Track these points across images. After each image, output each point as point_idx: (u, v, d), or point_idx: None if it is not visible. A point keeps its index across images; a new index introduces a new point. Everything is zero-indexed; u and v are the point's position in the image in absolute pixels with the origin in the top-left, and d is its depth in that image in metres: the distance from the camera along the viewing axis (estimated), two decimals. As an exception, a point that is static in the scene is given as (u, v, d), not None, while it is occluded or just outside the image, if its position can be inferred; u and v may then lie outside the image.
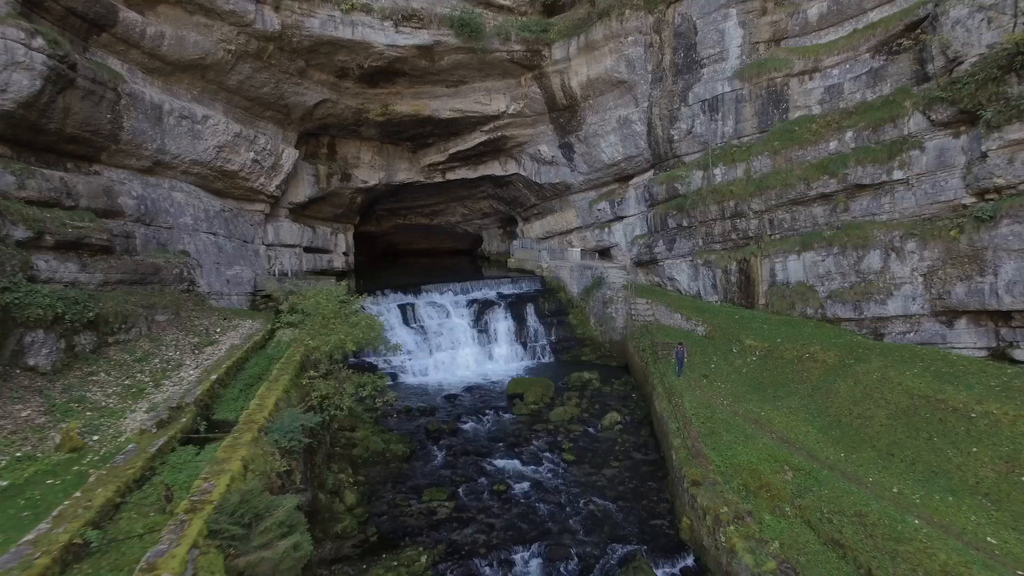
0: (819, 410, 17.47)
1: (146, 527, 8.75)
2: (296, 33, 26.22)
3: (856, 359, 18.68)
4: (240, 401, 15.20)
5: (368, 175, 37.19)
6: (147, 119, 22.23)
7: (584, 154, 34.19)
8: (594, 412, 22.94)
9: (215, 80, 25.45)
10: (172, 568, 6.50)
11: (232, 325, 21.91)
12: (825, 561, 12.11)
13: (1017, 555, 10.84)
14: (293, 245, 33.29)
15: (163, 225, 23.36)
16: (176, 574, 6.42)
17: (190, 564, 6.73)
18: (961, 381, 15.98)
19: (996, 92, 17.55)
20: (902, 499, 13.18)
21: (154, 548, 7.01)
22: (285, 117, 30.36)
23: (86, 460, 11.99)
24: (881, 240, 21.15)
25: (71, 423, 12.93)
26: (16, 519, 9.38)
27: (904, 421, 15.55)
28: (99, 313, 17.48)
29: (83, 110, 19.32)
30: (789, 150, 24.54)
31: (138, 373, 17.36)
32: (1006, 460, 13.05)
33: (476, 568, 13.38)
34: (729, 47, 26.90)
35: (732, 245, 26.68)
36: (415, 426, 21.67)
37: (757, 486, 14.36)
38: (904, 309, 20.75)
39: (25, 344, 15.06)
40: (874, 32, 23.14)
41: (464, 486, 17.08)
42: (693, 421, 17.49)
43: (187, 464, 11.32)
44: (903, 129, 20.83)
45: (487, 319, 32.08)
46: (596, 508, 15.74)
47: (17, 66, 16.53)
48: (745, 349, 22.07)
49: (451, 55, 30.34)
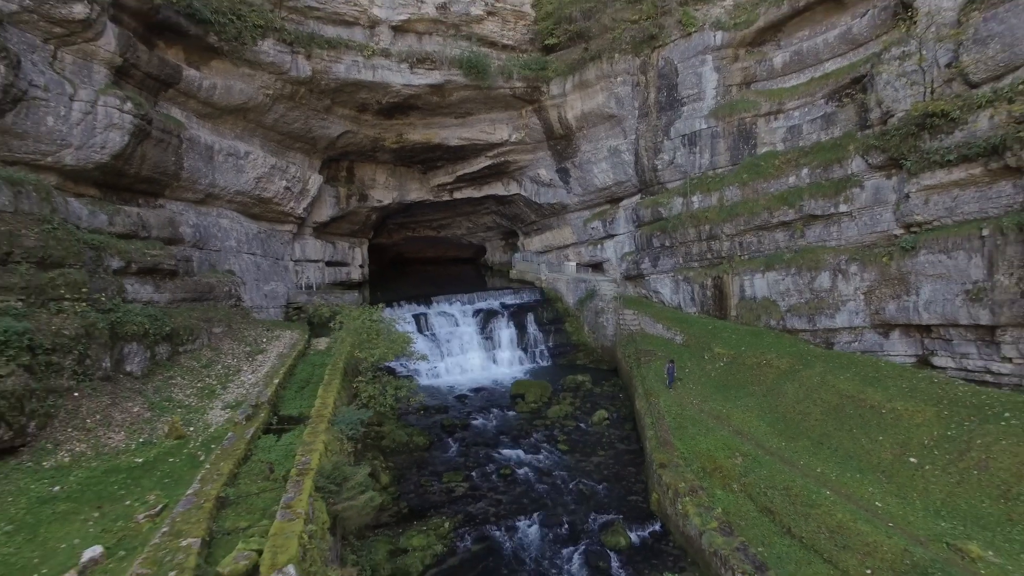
0: (769, 408, 21.12)
1: (259, 488, 12.42)
2: (324, 77, 29.87)
3: (804, 365, 22.32)
4: (297, 401, 18.88)
5: (382, 195, 40.84)
6: (201, 158, 25.90)
7: (579, 178, 37.89)
8: (586, 410, 26.59)
9: (254, 120, 29.11)
10: (301, 505, 10.13)
11: (275, 335, 25.58)
12: (759, 524, 15.70)
13: (893, 514, 14.47)
14: (317, 260, 36.94)
15: (213, 248, 27.02)
16: (304, 509, 10.04)
17: (310, 504, 10.35)
18: (880, 384, 19.59)
19: (914, 145, 21.20)
20: (822, 477, 16.79)
21: (286, 495, 10.64)
22: (311, 147, 34.02)
23: (190, 445, 15.64)
24: (830, 263, 24.79)
25: (174, 417, 16.61)
26: (164, 484, 13.04)
27: (833, 416, 19.18)
28: (173, 327, 21.12)
29: (155, 155, 23.00)
30: (756, 182, 28.18)
31: (206, 377, 21.03)
32: (900, 445, 16.69)
33: (488, 532, 16.99)
34: (706, 89, 30.55)
35: (708, 263, 30.33)
36: (432, 422, 25.30)
37: (712, 468, 17.98)
38: (849, 322, 24.38)
39: (124, 354, 18.72)
40: (827, 81, 26.80)
41: (476, 470, 20.71)
42: (665, 417, 21.14)
43: (272, 448, 14.96)
44: (848, 169, 24.49)
45: (492, 327, 35.73)
46: (584, 487, 19.37)
47: (113, 127, 20.22)
48: (715, 356, 25.71)
49: (459, 91, 34.02)
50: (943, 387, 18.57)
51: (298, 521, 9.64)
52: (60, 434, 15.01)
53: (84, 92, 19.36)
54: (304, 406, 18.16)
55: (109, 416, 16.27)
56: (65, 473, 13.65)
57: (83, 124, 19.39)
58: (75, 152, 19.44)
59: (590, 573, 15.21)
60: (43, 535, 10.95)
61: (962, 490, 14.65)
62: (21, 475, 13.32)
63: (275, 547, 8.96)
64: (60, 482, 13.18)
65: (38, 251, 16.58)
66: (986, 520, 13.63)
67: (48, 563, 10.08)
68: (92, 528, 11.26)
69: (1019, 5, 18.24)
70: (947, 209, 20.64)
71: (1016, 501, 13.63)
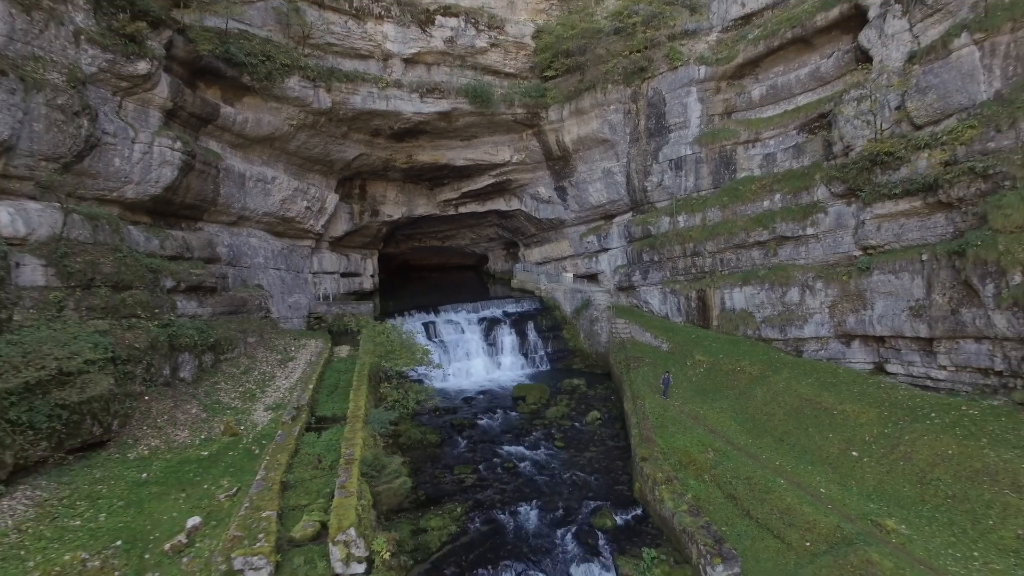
0: (740, 409, 24.03)
1: (311, 475, 15.34)
2: (343, 107, 32.78)
3: (773, 371, 25.25)
4: (330, 403, 21.80)
5: (393, 210, 43.75)
6: (235, 184, 28.82)
7: (575, 196, 40.84)
8: (580, 411, 29.47)
9: (280, 147, 32.03)
10: (352, 485, 13.04)
11: (302, 344, 28.49)
12: (724, 508, 18.60)
13: (833, 498, 17.35)
14: (333, 272, 39.85)
15: (244, 265, 29.94)
16: (355, 488, 12.95)
17: (358, 485, 13.27)
18: (835, 388, 22.51)
19: (868, 178, 24.13)
20: (780, 468, 19.68)
21: (339, 478, 13.55)
22: (329, 169, 36.94)
23: (243, 441, 18.54)
24: (799, 279, 27.71)
25: (228, 418, 19.53)
26: (231, 472, 15.95)
27: (794, 417, 22.10)
28: (215, 338, 24.03)
29: (197, 185, 25.93)
30: (735, 205, 31.10)
31: (246, 383, 23.94)
32: (846, 441, 19.59)
33: (494, 516, 19.85)
34: (691, 117, 33.49)
35: (692, 277, 33.26)
36: (442, 421, 28.17)
37: (687, 461, 20.88)
38: (816, 332, 27.28)
39: (179, 362, 21.63)
40: (799, 114, 29.75)
41: (483, 464, 23.59)
42: (649, 417, 24.04)
43: (315, 443, 17.88)
44: (814, 196, 27.41)
45: (495, 334, 38.63)
46: (577, 479, 22.27)
47: (166, 163, 23.15)
48: (696, 363, 28.62)
49: (465, 117, 36.95)
50: (887, 391, 21.49)
51: (352, 497, 12.56)
52: (137, 431, 17.93)
53: (143, 135, 22.31)
54: (336, 408, 21.10)
55: (174, 416, 19.20)
56: (148, 463, 16.56)
57: (142, 162, 22.32)
58: (135, 187, 22.38)
59: (581, 549, 18.08)
60: (148, 509, 13.87)
61: (889, 478, 17.56)
62: (112, 464, 16.22)
63: (339, 516, 11.87)
64: (146, 470, 16.10)
65: (113, 276, 19.51)
66: (904, 501, 16.55)
67: (159, 529, 13.00)
68: (183, 505, 14.18)
69: (949, 64, 21.16)
70: (895, 235, 23.58)
71: (929, 485, 16.54)
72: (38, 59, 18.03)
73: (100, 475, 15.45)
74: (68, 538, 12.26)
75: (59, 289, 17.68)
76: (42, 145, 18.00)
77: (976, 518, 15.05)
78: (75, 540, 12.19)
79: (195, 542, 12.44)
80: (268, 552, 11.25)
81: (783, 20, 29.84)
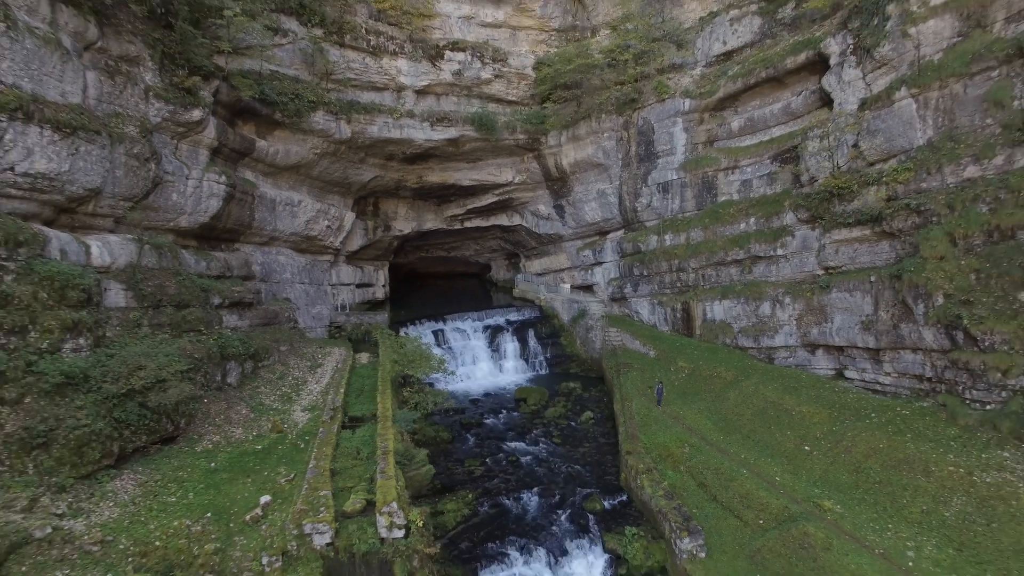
0: (715, 410, 27.39)
1: (352, 464, 18.74)
2: (361, 136, 36.21)
3: (745, 377, 28.61)
4: (358, 405, 25.19)
5: (403, 225, 47.17)
6: (267, 209, 32.24)
7: (572, 214, 44.27)
8: (576, 411, 32.87)
9: (304, 173, 35.46)
10: (390, 471, 16.42)
11: (327, 352, 31.88)
12: (696, 493, 21.92)
13: (785, 485, 20.68)
14: (349, 283, 43.26)
15: (274, 281, 33.35)
16: (392, 473, 16.34)
17: (395, 470, 16.64)
18: (796, 392, 25.87)
19: (828, 208, 27.53)
20: (744, 461, 23.00)
21: (379, 465, 16.92)
22: (347, 190, 40.37)
23: (289, 437, 21.91)
24: (770, 295, 31.07)
25: (275, 417, 22.90)
26: (284, 462, 19.31)
27: (760, 417, 25.45)
28: (255, 348, 27.43)
29: (236, 212, 29.34)
30: (715, 226, 34.51)
31: (282, 387, 27.33)
32: (800, 438, 22.95)
33: (500, 501, 23.20)
34: (677, 145, 36.90)
35: (677, 290, 36.65)
36: (453, 420, 31.55)
37: (666, 455, 24.23)
38: (785, 342, 30.63)
39: (227, 369, 25.03)
40: (773, 145, 33.12)
41: (489, 458, 26.97)
42: (635, 417, 27.42)
43: (351, 439, 21.25)
44: (783, 220, 30.80)
45: (498, 341, 42.03)
46: (571, 470, 25.65)
47: (213, 195, 26.58)
48: (678, 368, 32.01)
49: (471, 143, 40.39)
50: (839, 395, 24.88)
51: (391, 479, 15.95)
52: (200, 429, 21.32)
53: (195, 171, 25.73)
54: (364, 409, 24.51)
55: (228, 416, 22.60)
56: (213, 455, 19.95)
57: (194, 195, 25.75)
58: (188, 216, 25.80)
59: (574, 528, 21.46)
60: (224, 490, 17.26)
61: (832, 468, 20.93)
62: (184, 455, 19.60)
63: (383, 493, 15.27)
64: (213, 460, 19.48)
65: (176, 296, 22.92)
66: (842, 486, 19.92)
67: (236, 505, 16.39)
68: (251, 487, 17.56)
69: (893, 112, 24.55)
70: (850, 258, 26.98)
71: (862, 473, 19.91)
72: (119, 115, 21.46)
73: (177, 464, 18.83)
74: (170, 510, 15.65)
75: (136, 309, 21.08)
76: (121, 187, 21.41)
77: (894, 498, 18.42)
78: (176, 511, 15.59)
79: (268, 515, 15.83)
80: (330, 520, 14.64)
81: (759, 60, 33.24)
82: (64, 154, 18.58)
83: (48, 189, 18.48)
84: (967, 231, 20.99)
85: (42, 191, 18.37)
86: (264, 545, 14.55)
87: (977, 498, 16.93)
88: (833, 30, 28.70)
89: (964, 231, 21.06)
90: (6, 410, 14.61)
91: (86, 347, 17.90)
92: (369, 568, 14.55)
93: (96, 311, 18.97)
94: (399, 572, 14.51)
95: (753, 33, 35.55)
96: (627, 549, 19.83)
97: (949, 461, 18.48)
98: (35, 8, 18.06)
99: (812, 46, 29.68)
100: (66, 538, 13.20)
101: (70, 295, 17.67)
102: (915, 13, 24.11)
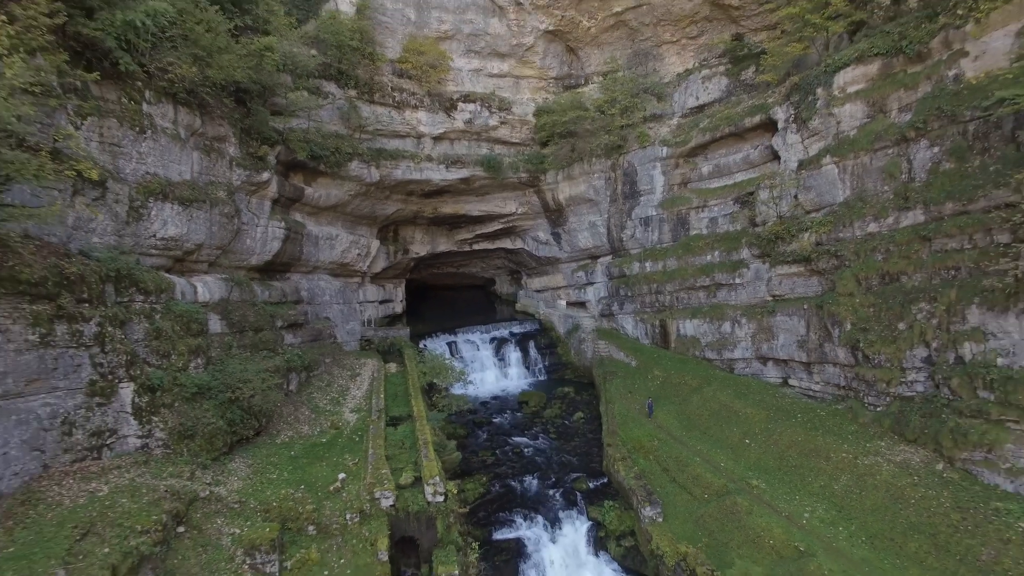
0: (681, 412, 33.66)
1: (399, 452, 25.08)
2: (387, 178, 42.55)
3: (706, 384, 34.88)
4: (395, 407, 31.48)
5: (419, 248, 53.54)
6: (312, 244, 38.59)
7: (568, 240, 50.64)
8: (569, 412, 39.16)
9: (340, 211, 41.82)
10: (431, 455, 22.70)
11: (363, 363, 38.19)
12: (660, 476, 28.18)
13: (727, 469, 26.96)
14: (374, 301, 49.58)
15: (317, 303, 39.68)
16: (432, 457, 22.63)
17: (434, 454, 22.93)
18: (745, 397, 32.12)
19: (773, 247, 33.85)
20: (700, 452, 29.24)
21: (419, 452, 23.21)
22: (373, 221, 46.72)
23: (345, 433, 28.19)
24: (731, 315, 37.35)
25: (333, 417, 29.21)
26: (346, 451, 25.60)
27: (715, 417, 31.70)
28: (307, 361, 33.73)
29: (289, 248, 35.69)
30: (687, 256, 40.82)
31: (331, 392, 33.62)
32: (743, 433, 29.22)
33: (508, 483, 29.44)
34: (656, 186, 43.23)
35: (656, 309, 42.96)
36: (467, 419, 37.80)
37: (639, 447, 30.48)
38: (743, 355, 36.89)
39: (290, 379, 31.34)
40: (735, 189, 39.43)
41: (498, 450, 33.24)
42: (616, 416, 33.70)
43: (394, 434, 27.53)
44: (741, 255, 37.11)
45: (504, 350, 48.34)
46: (564, 459, 31.94)
47: (275, 238, 32.96)
48: (654, 376, 38.32)
49: (480, 181, 46.77)
50: (778, 399, 31.18)
51: (433, 461, 22.28)
52: (277, 427, 27.61)
53: (262, 220, 32.09)
54: (401, 411, 30.82)
55: (296, 416, 28.91)
56: (290, 446, 26.24)
57: (261, 239, 32.10)
58: (257, 256, 32.16)
59: (565, 502, 27.74)
60: (307, 471, 23.55)
61: (763, 456, 27.21)
62: (268, 447, 25.82)
63: (428, 471, 21.59)
64: (292, 450, 25.77)
65: (254, 322, 29.25)
66: (769, 470, 26.18)
67: (319, 481, 22.68)
68: (327, 468, 23.85)
69: (821, 173, 30.85)
70: (790, 288, 33.29)
71: (784, 460, 26.18)
72: (213, 183, 27.80)
73: (267, 452, 25.13)
74: (275, 484, 21.96)
75: (228, 334, 27.39)
76: (216, 239, 27.75)
77: (803, 477, 24.73)
78: (280, 484, 21.90)
79: (345, 487, 22.14)
80: (392, 489, 20.96)
81: (723, 117, 39.57)
82: (184, 220, 24.93)
83: (174, 247, 24.85)
84: (867, 274, 27.30)
85: (170, 249, 24.74)
86: (346, 506, 20.86)
87: (857, 475, 23.24)
88: (780, 100, 35.02)
89: (865, 274, 27.37)
90: (166, 411, 20.95)
91: (202, 365, 24.23)
92: (419, 522, 20.87)
93: (206, 338, 25.30)
94: (440, 525, 20.83)
95: (721, 91, 42.05)
96: (605, 517, 26.12)
97: (844, 449, 24.80)
98: (166, 114, 24.42)
99: (764, 111, 36.03)
100: (217, 498, 19.53)
101: (192, 327, 23.99)
102: (836, 97, 30.46)
